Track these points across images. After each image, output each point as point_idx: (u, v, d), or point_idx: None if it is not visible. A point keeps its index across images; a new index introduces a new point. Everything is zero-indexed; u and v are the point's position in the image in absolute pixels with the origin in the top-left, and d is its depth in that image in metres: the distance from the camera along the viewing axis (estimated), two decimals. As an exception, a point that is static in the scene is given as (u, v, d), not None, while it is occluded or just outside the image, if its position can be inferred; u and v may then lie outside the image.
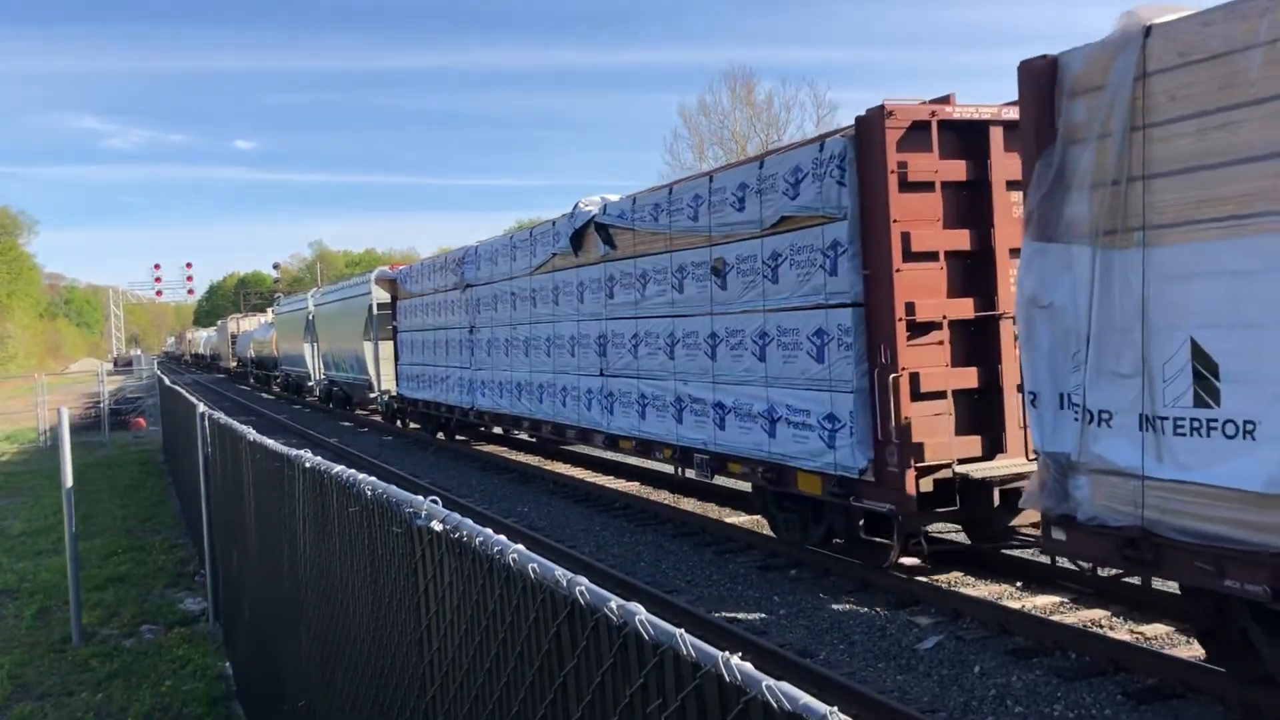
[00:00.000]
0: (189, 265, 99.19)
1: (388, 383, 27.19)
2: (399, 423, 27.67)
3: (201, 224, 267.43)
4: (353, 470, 4.35)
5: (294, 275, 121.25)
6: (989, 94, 47.26)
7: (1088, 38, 6.75)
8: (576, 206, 14.60)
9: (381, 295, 27.27)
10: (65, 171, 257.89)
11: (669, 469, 15.32)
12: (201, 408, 9.90)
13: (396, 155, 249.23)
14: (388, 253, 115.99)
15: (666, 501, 14.52)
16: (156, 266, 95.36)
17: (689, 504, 14.35)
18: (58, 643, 9.69)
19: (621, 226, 13.36)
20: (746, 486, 12.13)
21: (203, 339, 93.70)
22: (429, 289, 22.52)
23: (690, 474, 12.47)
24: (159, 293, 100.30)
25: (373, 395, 28.82)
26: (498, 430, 22.32)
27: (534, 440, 20.46)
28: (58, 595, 11.18)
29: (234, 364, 63.70)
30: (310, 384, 38.90)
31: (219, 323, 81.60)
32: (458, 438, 23.85)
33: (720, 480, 12.36)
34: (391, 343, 26.42)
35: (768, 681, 1.80)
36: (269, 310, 64.71)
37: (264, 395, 49.83)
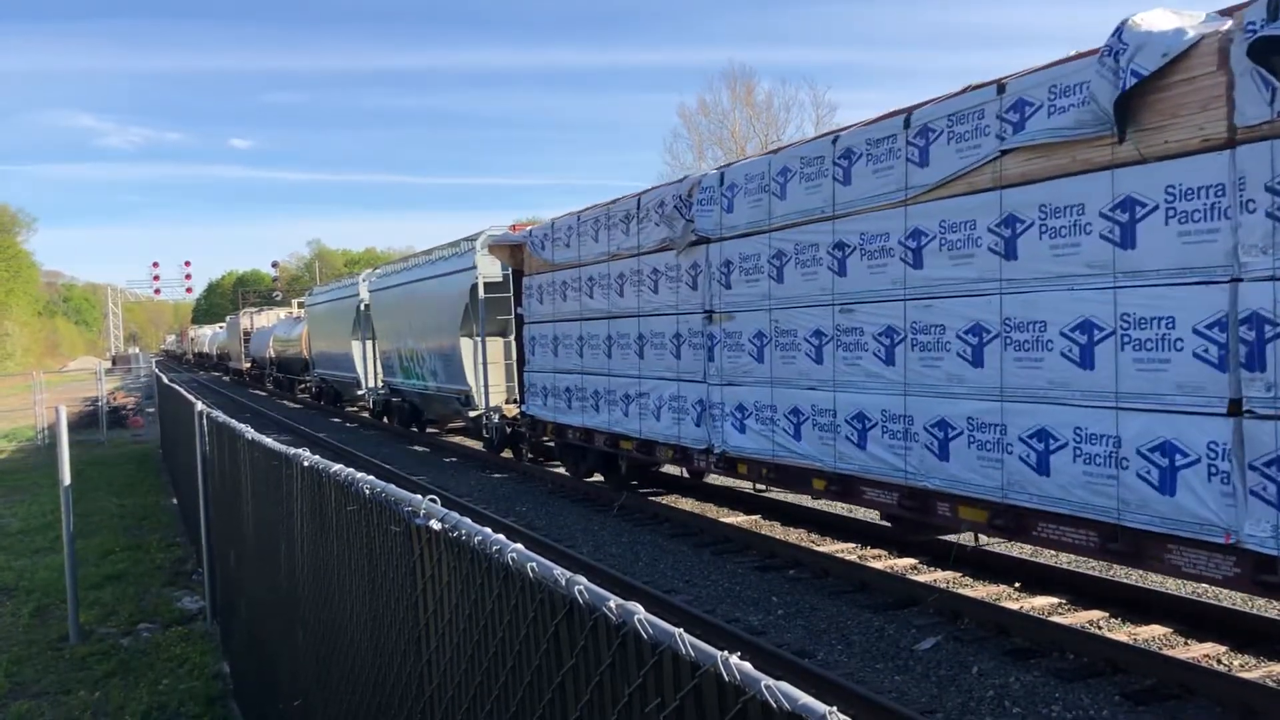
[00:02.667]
0: (187, 264, 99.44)
1: (498, 396, 19.50)
2: (509, 453, 19.65)
3: (199, 222, 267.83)
4: (351, 469, 4.35)
5: (293, 274, 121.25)
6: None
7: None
8: (1122, 29, 6.68)
9: (490, 271, 19.32)
10: (61, 170, 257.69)
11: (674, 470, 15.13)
12: (200, 406, 9.89)
13: (395, 154, 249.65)
14: (387, 251, 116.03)
15: (665, 501, 14.51)
16: (155, 265, 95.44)
17: (687, 504, 14.34)
18: (55, 641, 9.68)
19: None
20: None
21: (208, 337, 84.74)
22: (594, 255, 14.08)
23: None
24: (157, 291, 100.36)
25: (473, 414, 20.29)
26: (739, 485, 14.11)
27: (889, 524, 10.31)
28: (55, 593, 11.18)
29: (247, 365, 55.63)
30: (360, 393, 30.29)
31: (229, 318, 72.05)
32: (629, 484, 15.22)
33: None
34: (503, 340, 19.54)
35: (766, 681, 1.80)
36: (294, 303, 58.13)
37: (287, 404, 41.66)
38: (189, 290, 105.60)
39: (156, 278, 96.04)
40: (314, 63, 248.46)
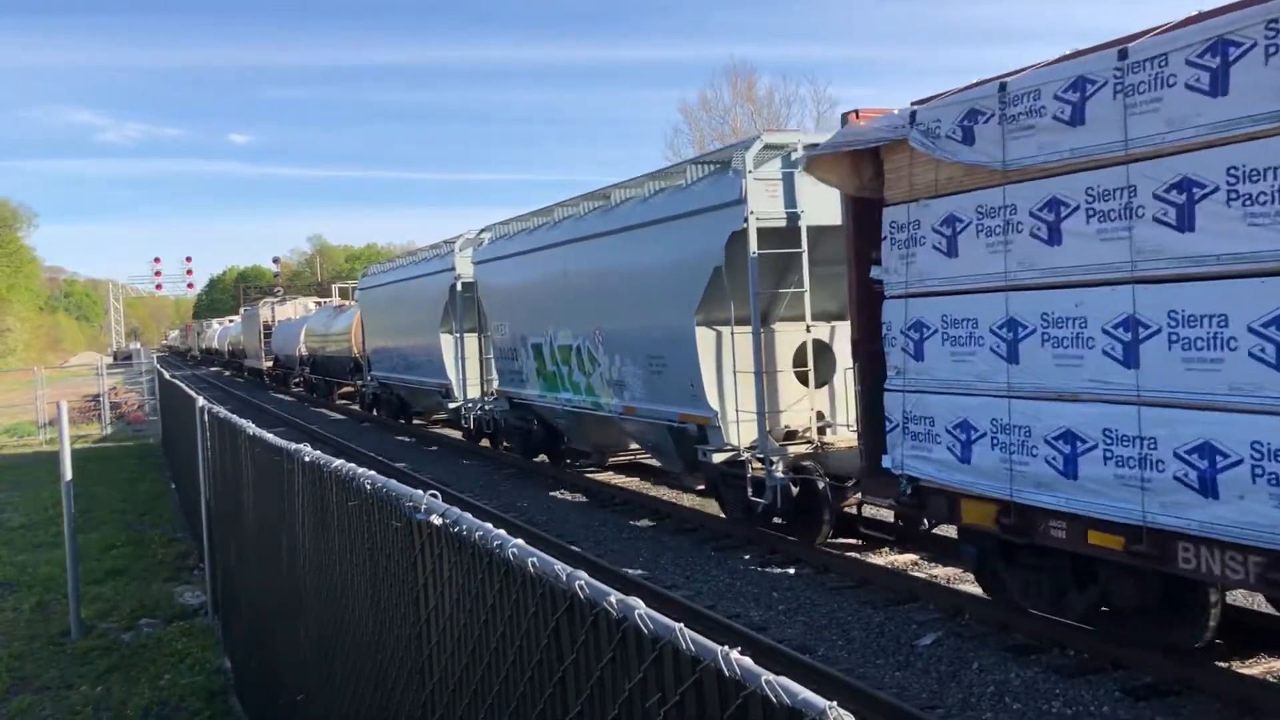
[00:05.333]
0: (188, 259, 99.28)
1: (786, 420, 11.27)
2: (758, 514, 11.14)
3: (199, 218, 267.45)
4: (352, 464, 4.35)
5: (294, 269, 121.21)
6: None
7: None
8: None
9: (767, 208, 10.98)
10: (60, 165, 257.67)
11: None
12: (201, 401, 9.90)
13: (394, 150, 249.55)
14: (388, 246, 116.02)
15: (666, 497, 14.51)
16: (156, 260, 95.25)
17: (688, 500, 14.34)
18: (56, 636, 9.69)
19: None
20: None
21: (217, 332, 76.33)
22: (1194, 133, 6.04)
23: None
24: (159, 286, 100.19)
25: (718, 456, 11.52)
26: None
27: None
28: (56, 588, 11.18)
29: (269, 364, 48.32)
30: (452, 405, 21.79)
31: (243, 310, 63.96)
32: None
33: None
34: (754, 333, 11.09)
35: (767, 676, 1.80)
36: (334, 289, 52.70)
37: (326, 414, 33.76)
38: (190, 286, 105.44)
39: (158, 273, 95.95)
40: (313, 58, 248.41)
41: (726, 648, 1.94)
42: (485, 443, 20.82)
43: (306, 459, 5.00)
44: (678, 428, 12.45)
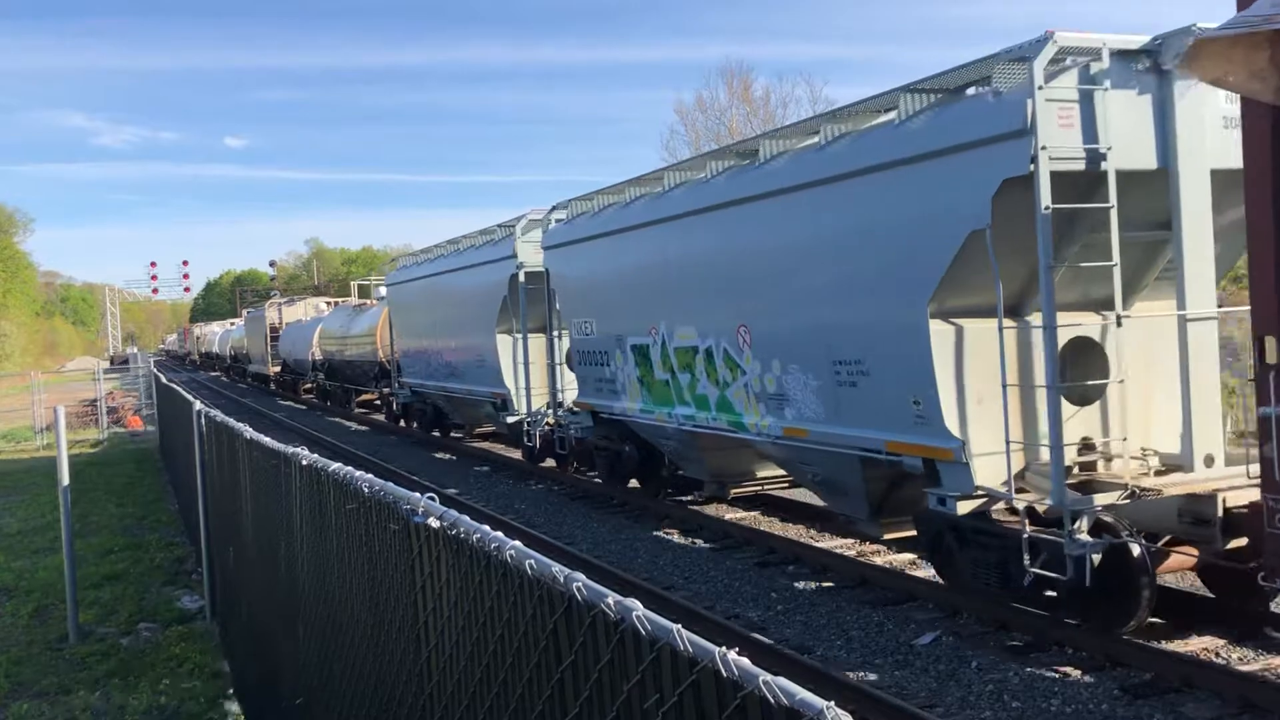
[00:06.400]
0: (185, 263, 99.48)
1: (1070, 457, 7.84)
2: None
3: (196, 222, 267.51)
4: (349, 468, 4.36)
5: (290, 273, 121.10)
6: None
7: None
8: None
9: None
10: (54, 169, 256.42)
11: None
12: (198, 405, 9.90)
13: (390, 152, 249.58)
14: (384, 249, 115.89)
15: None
16: (153, 264, 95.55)
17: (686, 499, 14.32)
18: (55, 641, 9.69)
19: None
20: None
21: (218, 335, 71.67)
22: None
23: None
24: (155, 290, 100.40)
25: (964, 506, 8.12)
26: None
27: None
28: (55, 593, 11.18)
29: (275, 369, 45.02)
30: (511, 419, 18.22)
31: (247, 312, 59.70)
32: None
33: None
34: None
35: (765, 676, 1.81)
36: (353, 286, 49.81)
37: (345, 424, 30.79)
38: (187, 290, 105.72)
39: (154, 277, 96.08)
40: (307, 60, 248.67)
41: (724, 648, 1.94)
42: (549, 463, 17.40)
43: (304, 463, 5.00)
44: (882, 460, 9.17)
